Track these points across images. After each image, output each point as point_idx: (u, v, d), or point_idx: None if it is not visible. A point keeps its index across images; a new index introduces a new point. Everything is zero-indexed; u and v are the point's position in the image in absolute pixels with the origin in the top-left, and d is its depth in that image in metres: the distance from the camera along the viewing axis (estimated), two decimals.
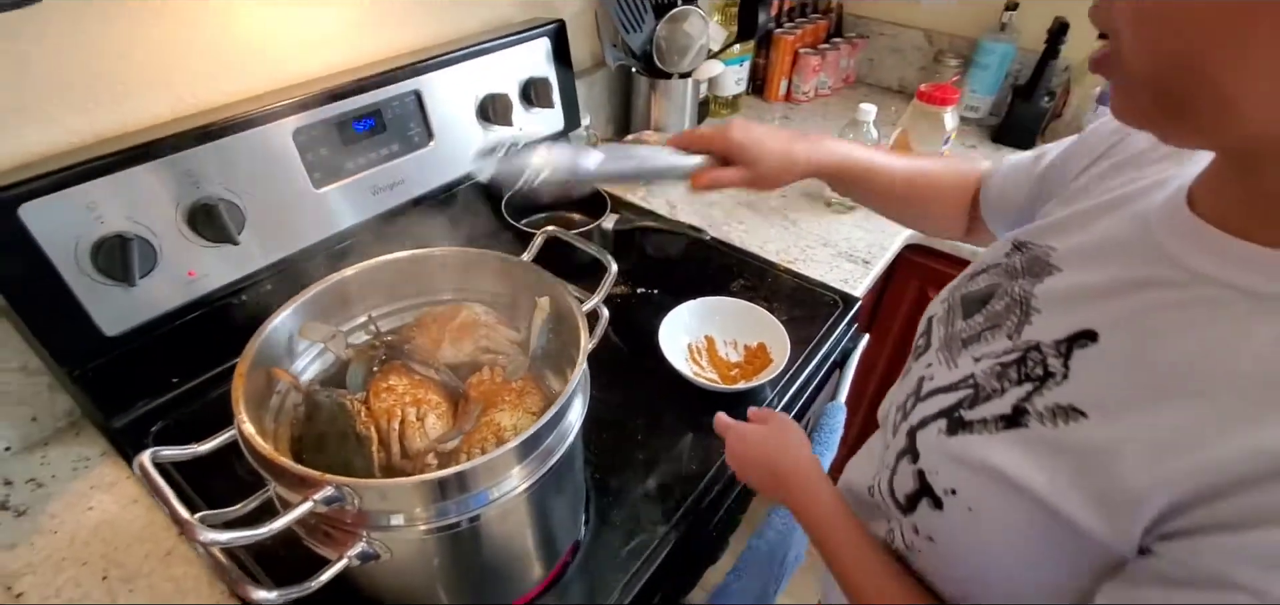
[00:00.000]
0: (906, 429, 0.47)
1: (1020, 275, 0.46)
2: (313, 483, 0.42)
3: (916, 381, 0.49)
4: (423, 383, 0.57)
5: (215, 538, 0.39)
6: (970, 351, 0.45)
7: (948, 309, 0.51)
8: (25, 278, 0.63)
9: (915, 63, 1.67)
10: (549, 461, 0.50)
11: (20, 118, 0.66)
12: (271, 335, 0.55)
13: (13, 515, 0.67)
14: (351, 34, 0.91)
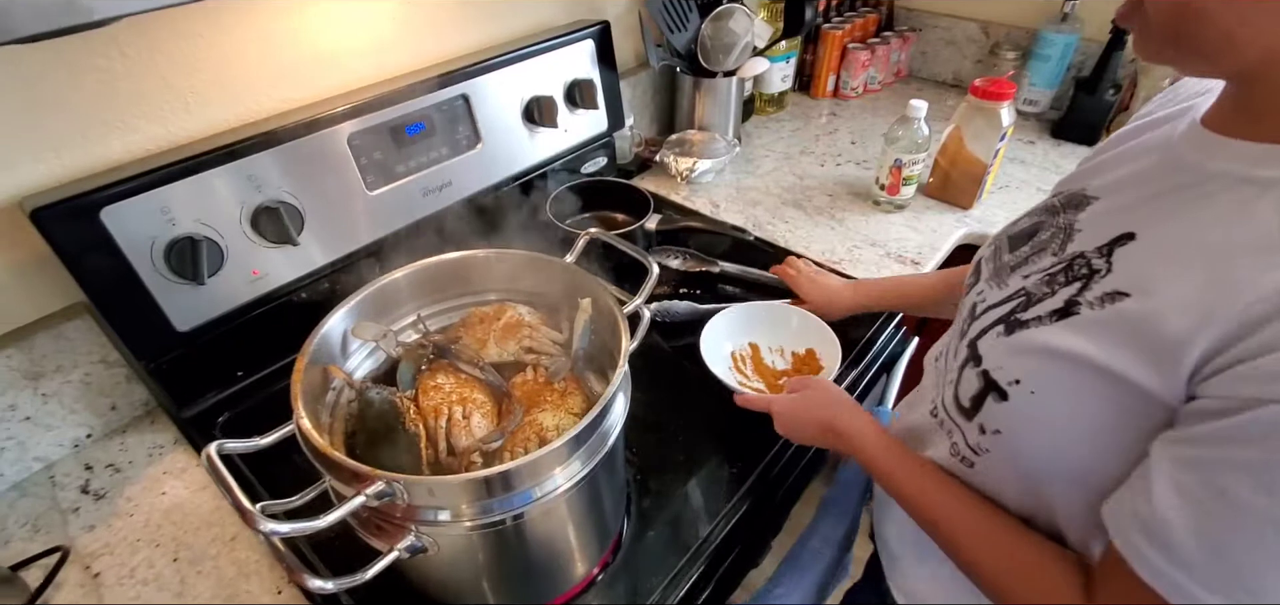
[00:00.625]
0: (966, 343, 0.52)
1: (1061, 211, 0.52)
2: (364, 477, 0.44)
3: (969, 308, 0.55)
4: (469, 382, 0.58)
5: (275, 528, 0.41)
6: (1019, 273, 0.52)
7: (995, 249, 0.58)
8: (107, 276, 0.68)
9: (971, 55, 1.61)
10: (591, 462, 0.51)
11: (106, 128, 0.71)
12: (327, 334, 0.57)
13: (93, 499, 0.72)
14: (403, 40, 0.94)
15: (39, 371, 0.72)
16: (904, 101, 1.13)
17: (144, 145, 0.75)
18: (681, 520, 0.68)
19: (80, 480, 0.74)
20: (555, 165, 1.10)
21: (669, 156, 1.25)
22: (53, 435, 0.75)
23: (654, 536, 0.67)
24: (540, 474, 0.48)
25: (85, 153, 0.71)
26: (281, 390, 0.82)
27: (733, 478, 0.72)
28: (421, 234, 0.93)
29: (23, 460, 0.73)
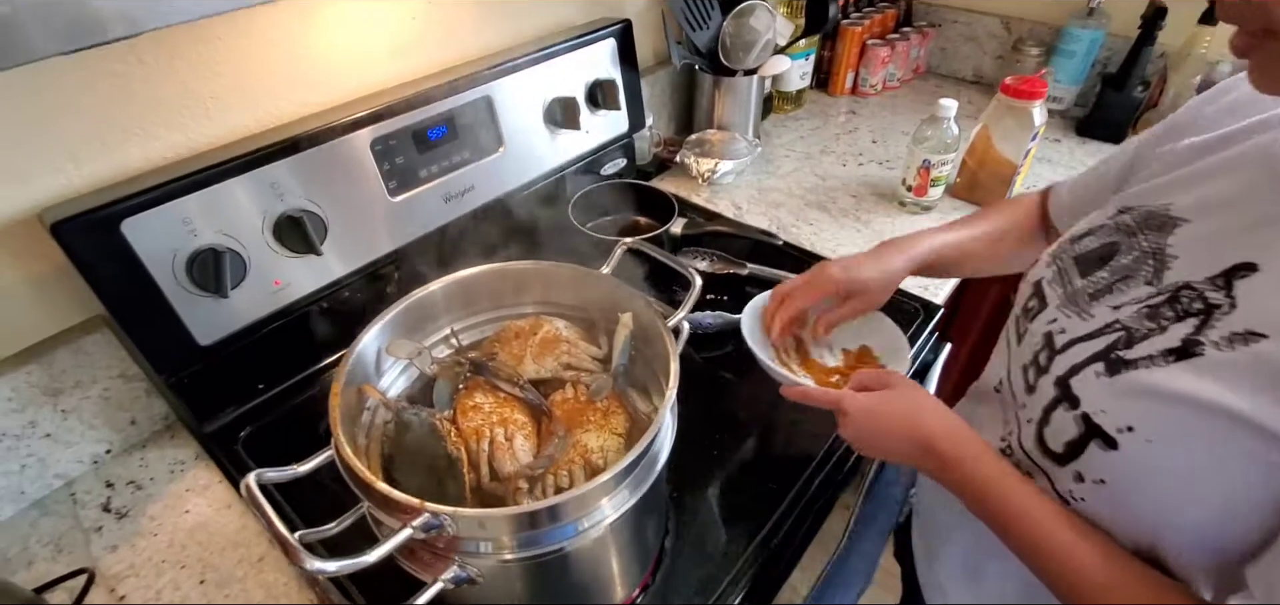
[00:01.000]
0: (1052, 381, 0.47)
1: (1138, 232, 0.48)
2: (412, 509, 0.42)
3: (1042, 338, 0.50)
4: (507, 400, 0.56)
5: (322, 567, 0.39)
6: (1105, 302, 0.47)
7: (1058, 271, 0.53)
8: (127, 290, 0.66)
9: (992, 51, 1.58)
10: (640, 489, 0.49)
11: (125, 136, 0.69)
12: (361, 353, 0.55)
13: (115, 518, 0.70)
14: (423, 41, 0.92)
15: (59, 387, 0.70)
16: (923, 99, 1.11)
17: (163, 153, 0.73)
18: (720, 537, 0.66)
19: (101, 498, 0.72)
20: (575, 168, 1.08)
21: (690, 157, 1.23)
22: (72, 452, 0.73)
23: (693, 555, 0.65)
24: (589, 505, 0.46)
25: (104, 162, 0.69)
26: (304, 403, 0.82)
27: (772, 492, 0.70)
28: (443, 241, 0.91)
29: (43, 478, 0.71)
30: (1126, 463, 0.42)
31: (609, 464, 0.53)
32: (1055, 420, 0.46)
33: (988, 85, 1.61)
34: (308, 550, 0.41)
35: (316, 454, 0.49)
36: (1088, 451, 0.44)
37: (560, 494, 0.50)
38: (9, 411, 0.67)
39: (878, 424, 0.56)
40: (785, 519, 0.68)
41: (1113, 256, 0.49)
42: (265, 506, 0.42)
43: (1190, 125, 0.51)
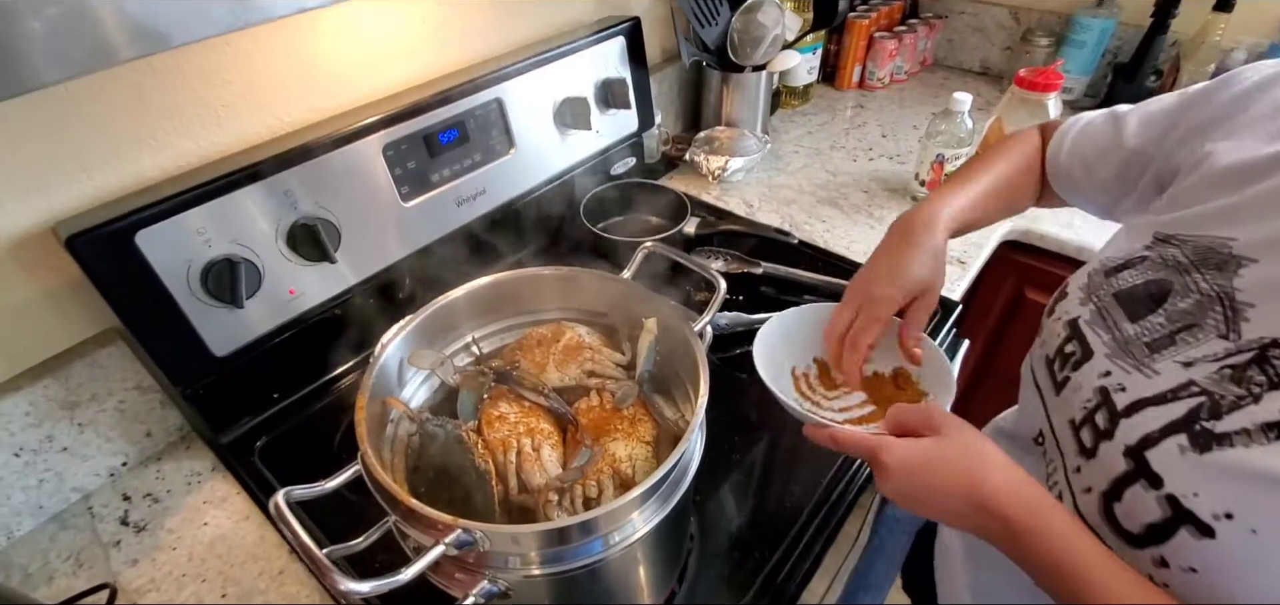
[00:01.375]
0: (1119, 449, 0.41)
1: (1193, 269, 0.43)
2: (445, 526, 0.42)
3: (1096, 394, 0.44)
4: (532, 410, 0.56)
5: (356, 588, 0.38)
6: (1170, 356, 0.41)
7: (1098, 311, 0.47)
8: (142, 302, 0.65)
9: (1000, 42, 1.57)
10: (671, 501, 0.48)
11: (138, 146, 0.68)
12: (384, 365, 0.54)
13: (133, 531, 0.70)
14: (432, 45, 0.91)
15: (75, 401, 0.69)
16: (931, 92, 1.10)
17: (175, 162, 0.72)
18: (744, 545, 0.66)
19: (119, 511, 0.71)
20: (585, 168, 1.07)
21: (699, 155, 1.22)
22: (89, 465, 0.72)
23: (717, 562, 0.64)
24: (620, 518, 0.46)
25: (117, 172, 0.68)
26: (319, 412, 0.81)
27: (795, 497, 0.69)
28: (456, 245, 0.90)
29: (61, 492, 0.71)
30: (1225, 553, 0.36)
31: (638, 473, 0.52)
32: (1130, 498, 0.41)
33: (996, 77, 1.59)
34: (338, 568, 0.40)
35: (343, 469, 0.48)
36: (1177, 537, 0.38)
37: (590, 507, 0.49)
38: (27, 426, 0.67)
39: (928, 481, 0.45)
40: (810, 523, 0.68)
41: (1166, 297, 0.43)
42: (296, 527, 0.41)
43: (1226, 106, 0.47)
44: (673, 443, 0.56)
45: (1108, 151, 0.58)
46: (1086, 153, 0.60)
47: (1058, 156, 0.63)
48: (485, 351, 0.63)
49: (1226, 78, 0.49)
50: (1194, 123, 0.50)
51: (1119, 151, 0.57)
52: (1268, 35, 1.21)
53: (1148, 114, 0.56)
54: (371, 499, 0.48)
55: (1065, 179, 0.63)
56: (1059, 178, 0.63)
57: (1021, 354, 0.59)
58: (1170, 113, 0.53)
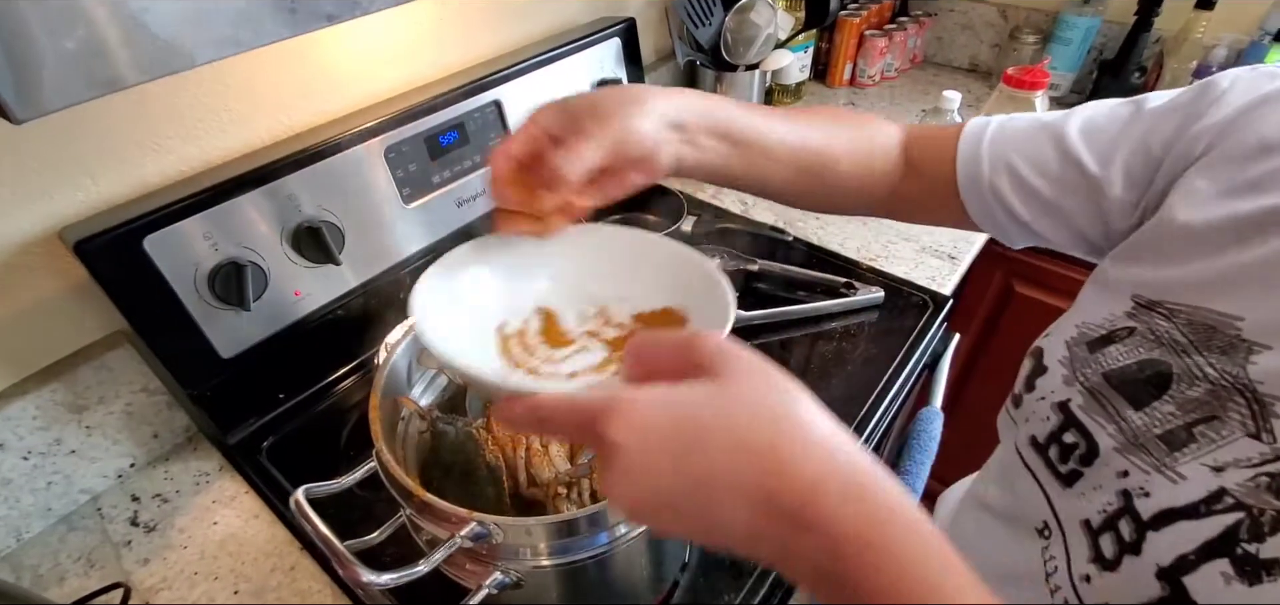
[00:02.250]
0: (1150, 569, 0.36)
1: (1193, 350, 0.37)
2: (460, 520, 0.43)
3: (1117, 497, 0.39)
4: None
5: (376, 580, 0.40)
6: (1195, 456, 0.36)
7: (1090, 394, 0.41)
8: (151, 306, 0.66)
9: (988, 39, 1.59)
10: None
11: (141, 151, 0.69)
12: (394, 365, 0.55)
13: (143, 531, 0.71)
14: (430, 46, 0.92)
15: (83, 404, 0.70)
16: (921, 89, 1.12)
17: (178, 167, 0.73)
18: None
19: (128, 512, 0.72)
20: None
21: None
22: (97, 467, 0.73)
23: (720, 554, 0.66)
24: None
25: (121, 178, 0.69)
26: (325, 412, 0.82)
27: None
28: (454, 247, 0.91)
29: (69, 494, 0.72)
30: None
31: None
32: None
33: (984, 74, 1.62)
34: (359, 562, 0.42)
35: (358, 466, 0.49)
36: None
37: (598, 499, 0.51)
38: (35, 430, 0.67)
39: (690, 466, 0.27)
40: None
41: (1169, 383, 0.38)
42: (317, 522, 0.42)
43: (1196, 151, 0.40)
44: None
45: (1052, 165, 0.47)
46: (1027, 162, 0.48)
47: (980, 150, 0.50)
48: None
49: (1197, 92, 0.42)
50: (1156, 148, 0.42)
51: (1072, 169, 0.46)
52: (1248, 32, 1.24)
53: (1092, 124, 0.45)
54: (381, 495, 0.50)
55: (994, 192, 0.49)
56: (981, 189, 0.50)
57: (1012, 347, 0.58)
58: (1122, 125, 0.44)
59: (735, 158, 0.49)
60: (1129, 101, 0.46)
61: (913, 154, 0.55)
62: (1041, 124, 0.48)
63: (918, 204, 0.56)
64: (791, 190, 0.53)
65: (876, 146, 0.54)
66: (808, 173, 0.52)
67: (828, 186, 0.54)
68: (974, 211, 0.52)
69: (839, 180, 0.53)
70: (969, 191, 0.51)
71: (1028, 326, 0.64)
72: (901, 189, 0.55)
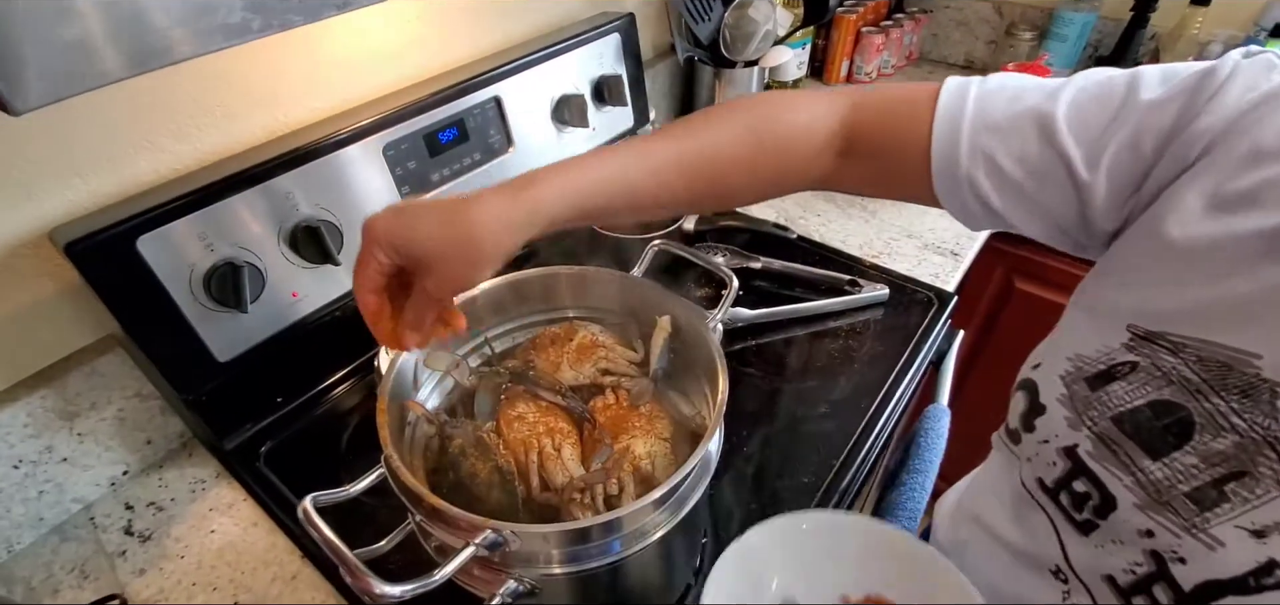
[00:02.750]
0: None
1: (1211, 393, 0.34)
2: (475, 527, 0.42)
3: (1148, 559, 0.37)
4: (550, 409, 0.56)
5: (390, 592, 0.39)
6: (1228, 518, 0.34)
7: (1099, 440, 0.39)
8: (145, 309, 0.64)
9: (984, 36, 1.60)
10: (691, 499, 0.49)
11: (134, 149, 0.67)
12: (402, 368, 0.54)
13: (138, 541, 0.69)
14: (429, 42, 0.90)
15: (74, 410, 0.68)
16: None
17: (172, 165, 0.71)
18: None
19: (122, 521, 0.70)
20: None
21: None
22: (89, 475, 0.71)
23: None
24: (645, 516, 0.46)
25: (112, 177, 0.67)
26: (323, 416, 0.81)
27: (805, 488, 0.71)
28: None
29: (61, 503, 0.70)
30: None
31: (657, 470, 0.53)
32: None
33: (980, 70, 1.62)
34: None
35: (367, 474, 0.48)
36: None
37: (611, 504, 0.50)
38: (25, 438, 0.65)
39: None
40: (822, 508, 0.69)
41: (1189, 432, 0.35)
42: (327, 532, 0.41)
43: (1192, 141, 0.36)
44: (688, 439, 0.57)
45: (1031, 144, 0.41)
46: (1008, 138, 0.42)
47: (960, 125, 0.43)
48: (498, 351, 0.63)
49: (1196, 82, 0.36)
50: (1149, 148, 0.37)
51: (1052, 153, 0.40)
52: (1243, 28, 1.25)
53: (1080, 112, 0.39)
54: (386, 502, 0.48)
55: (973, 175, 0.43)
56: (958, 169, 0.43)
57: (1013, 341, 0.56)
58: (1113, 115, 0.38)
59: (602, 221, 0.50)
60: (1121, 80, 0.39)
61: (861, 132, 0.48)
62: (1026, 109, 0.41)
63: (867, 182, 0.52)
64: (685, 208, 0.53)
65: (791, 131, 0.48)
66: (697, 190, 0.49)
67: (730, 192, 0.50)
68: (942, 192, 0.46)
69: (738, 185, 0.50)
70: (943, 177, 0.45)
71: (1028, 322, 0.63)
72: (843, 170, 0.50)
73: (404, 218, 0.43)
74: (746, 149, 0.48)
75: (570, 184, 0.44)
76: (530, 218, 0.43)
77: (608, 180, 0.45)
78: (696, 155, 0.48)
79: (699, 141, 0.48)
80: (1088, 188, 0.39)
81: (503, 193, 0.43)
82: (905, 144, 0.46)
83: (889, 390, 0.81)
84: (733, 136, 0.48)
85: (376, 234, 0.43)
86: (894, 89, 0.48)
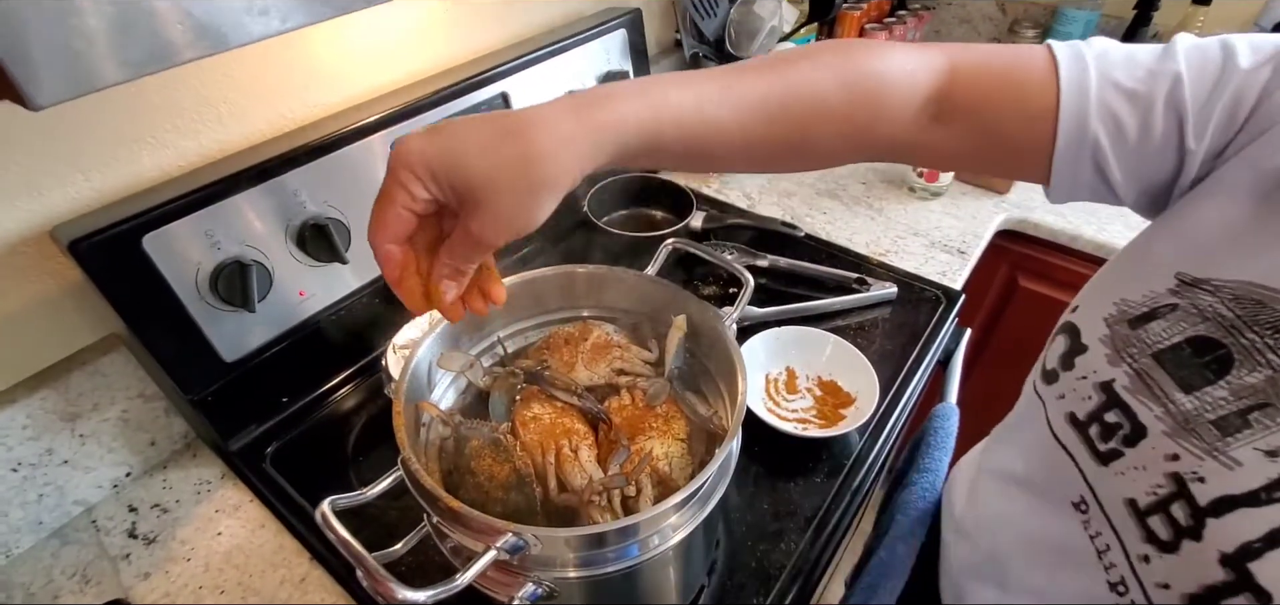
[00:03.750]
0: (1212, 555, 0.36)
1: (1245, 328, 0.36)
2: (496, 531, 0.41)
3: (1168, 481, 0.38)
4: (565, 410, 0.55)
5: (414, 597, 0.38)
6: (1247, 441, 0.35)
7: (1136, 376, 0.40)
8: (150, 309, 0.63)
9: (986, 33, 1.60)
10: (711, 501, 0.48)
11: (137, 145, 0.65)
12: (416, 368, 0.53)
13: (143, 543, 0.68)
14: (435, 37, 0.89)
15: (76, 411, 0.67)
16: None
17: (176, 162, 0.69)
18: (770, 536, 0.66)
19: (126, 523, 0.69)
20: None
21: None
22: (92, 477, 0.70)
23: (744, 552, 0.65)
24: (663, 519, 0.46)
25: (115, 173, 0.65)
26: (329, 417, 0.80)
27: (816, 488, 0.70)
28: None
29: (62, 506, 0.68)
30: None
31: (675, 470, 0.52)
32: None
33: None
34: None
35: (384, 476, 0.47)
36: None
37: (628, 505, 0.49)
38: (25, 440, 0.64)
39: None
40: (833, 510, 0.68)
41: (1226, 367, 0.36)
42: (347, 536, 0.40)
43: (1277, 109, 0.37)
44: (704, 439, 0.56)
45: (1140, 108, 0.40)
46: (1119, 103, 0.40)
47: (1087, 91, 0.41)
48: (511, 351, 0.62)
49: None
50: (1240, 114, 0.38)
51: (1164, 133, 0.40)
52: (1243, 27, 1.25)
53: (1190, 65, 0.39)
54: (399, 503, 0.48)
55: (1088, 148, 0.41)
56: (1082, 145, 0.41)
57: (1018, 337, 0.57)
58: (1213, 84, 0.39)
59: (669, 161, 0.44)
60: (1215, 46, 0.39)
61: (965, 92, 0.44)
62: (1148, 70, 0.40)
63: (964, 149, 0.46)
64: (758, 160, 0.46)
65: (885, 84, 0.44)
66: (777, 138, 0.43)
67: (811, 147, 0.45)
68: (1063, 158, 0.42)
69: (823, 140, 0.45)
70: (1069, 141, 0.42)
71: (1032, 320, 0.62)
72: (935, 135, 0.45)
73: (444, 138, 0.36)
74: (839, 99, 0.43)
75: (646, 110, 0.39)
76: (598, 144, 0.38)
77: (685, 114, 0.40)
78: (784, 98, 0.42)
79: (787, 82, 0.42)
80: (1192, 156, 0.40)
81: (565, 109, 0.37)
82: (1025, 108, 0.42)
83: (899, 389, 0.81)
84: (822, 82, 0.43)
85: (411, 158, 0.35)
86: (989, 48, 0.45)
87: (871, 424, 0.75)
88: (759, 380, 0.79)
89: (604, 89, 0.39)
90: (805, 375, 0.81)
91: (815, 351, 0.81)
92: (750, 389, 0.71)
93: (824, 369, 0.80)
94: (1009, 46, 0.45)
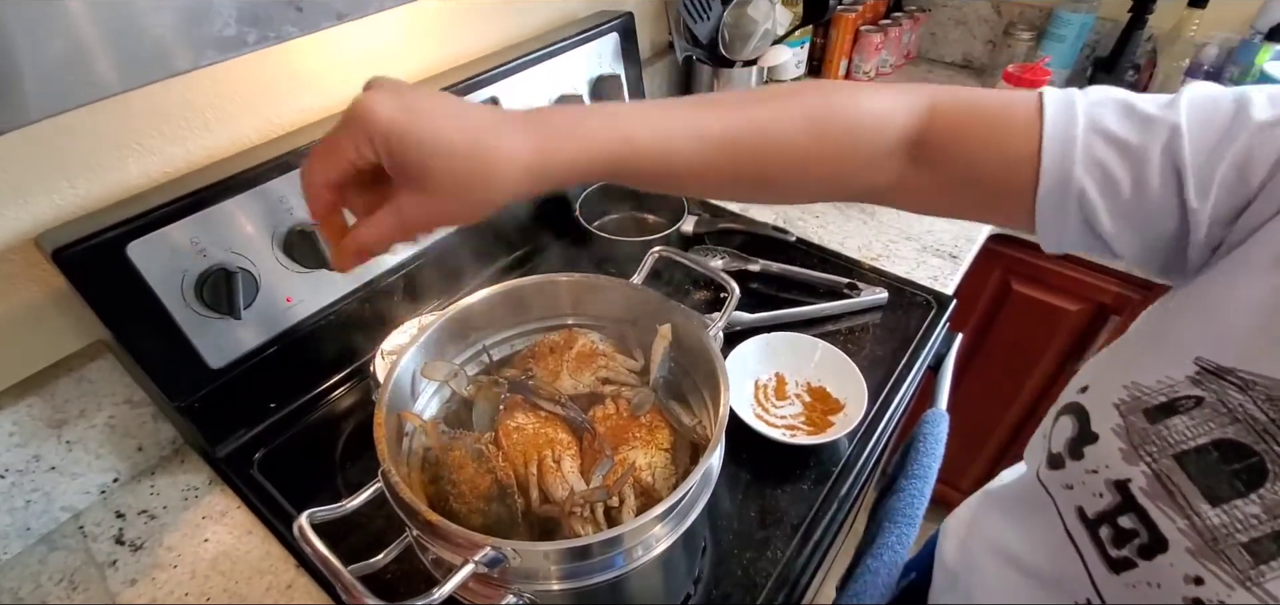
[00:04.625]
0: None
1: (1279, 434, 0.32)
2: (475, 544, 0.41)
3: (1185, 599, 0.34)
4: (549, 419, 0.55)
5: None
6: None
7: (1156, 478, 0.36)
8: (135, 316, 0.63)
9: (981, 35, 1.59)
10: (693, 511, 0.48)
11: (122, 152, 0.65)
12: (398, 378, 0.53)
13: (129, 550, 0.68)
14: (424, 40, 0.89)
15: (62, 418, 0.67)
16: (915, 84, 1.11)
17: (162, 168, 0.69)
18: (755, 543, 0.66)
19: (113, 530, 0.69)
20: None
21: None
22: (78, 483, 0.70)
23: (730, 561, 0.65)
24: (646, 531, 0.46)
25: (101, 180, 0.65)
26: (317, 422, 0.79)
27: (803, 495, 0.70)
28: (453, 248, 0.89)
29: (49, 512, 0.68)
30: None
31: (658, 481, 0.52)
32: None
33: (978, 70, 1.62)
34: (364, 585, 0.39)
35: (364, 488, 0.47)
36: None
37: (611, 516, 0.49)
38: (11, 447, 0.64)
39: None
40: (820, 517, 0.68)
41: (1259, 478, 0.33)
42: (323, 550, 0.40)
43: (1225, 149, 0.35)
44: (689, 449, 0.56)
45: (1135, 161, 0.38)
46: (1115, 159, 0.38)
47: (1070, 139, 0.39)
48: (496, 359, 0.62)
49: None
50: (1254, 178, 0.35)
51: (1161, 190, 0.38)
52: (1239, 30, 1.25)
53: (1192, 114, 0.37)
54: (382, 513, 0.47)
55: (1077, 200, 0.40)
56: (1067, 197, 0.40)
57: (1011, 341, 0.55)
58: (1219, 135, 0.36)
59: (637, 186, 0.43)
60: (1227, 97, 0.37)
61: (944, 136, 0.44)
62: (1143, 119, 0.38)
63: (942, 193, 0.46)
64: (726, 192, 0.47)
65: (856, 127, 0.43)
66: (742, 175, 0.43)
67: (775, 186, 0.45)
68: (1046, 206, 0.41)
69: (787, 180, 0.44)
70: (1052, 190, 0.40)
71: (1025, 325, 0.61)
72: (913, 178, 0.45)
73: (413, 118, 0.34)
74: (803, 140, 0.43)
75: (608, 140, 0.39)
76: (549, 173, 0.38)
77: (649, 144, 0.40)
78: (747, 135, 0.42)
79: (753, 120, 0.42)
80: (1196, 215, 0.37)
81: (531, 132, 0.37)
82: (1005, 151, 0.41)
83: (889, 395, 0.81)
84: (789, 123, 0.42)
85: (372, 121, 0.34)
86: (976, 91, 0.44)
87: (860, 430, 0.74)
88: (748, 386, 0.79)
89: (575, 113, 0.39)
90: (795, 381, 0.80)
91: (804, 357, 0.81)
92: (739, 395, 0.76)
93: (813, 375, 0.80)
94: (1001, 92, 0.44)
